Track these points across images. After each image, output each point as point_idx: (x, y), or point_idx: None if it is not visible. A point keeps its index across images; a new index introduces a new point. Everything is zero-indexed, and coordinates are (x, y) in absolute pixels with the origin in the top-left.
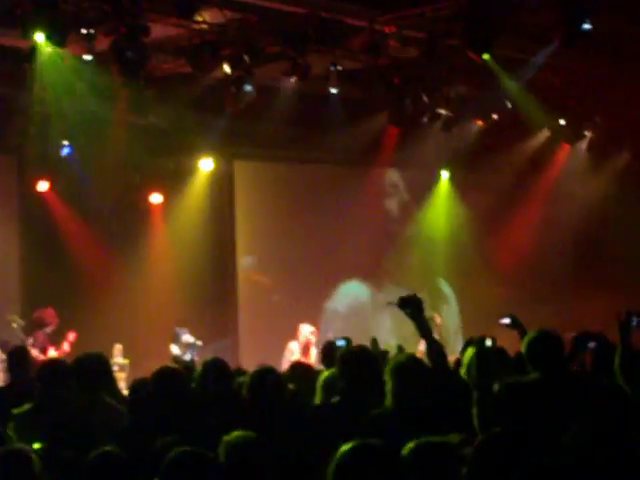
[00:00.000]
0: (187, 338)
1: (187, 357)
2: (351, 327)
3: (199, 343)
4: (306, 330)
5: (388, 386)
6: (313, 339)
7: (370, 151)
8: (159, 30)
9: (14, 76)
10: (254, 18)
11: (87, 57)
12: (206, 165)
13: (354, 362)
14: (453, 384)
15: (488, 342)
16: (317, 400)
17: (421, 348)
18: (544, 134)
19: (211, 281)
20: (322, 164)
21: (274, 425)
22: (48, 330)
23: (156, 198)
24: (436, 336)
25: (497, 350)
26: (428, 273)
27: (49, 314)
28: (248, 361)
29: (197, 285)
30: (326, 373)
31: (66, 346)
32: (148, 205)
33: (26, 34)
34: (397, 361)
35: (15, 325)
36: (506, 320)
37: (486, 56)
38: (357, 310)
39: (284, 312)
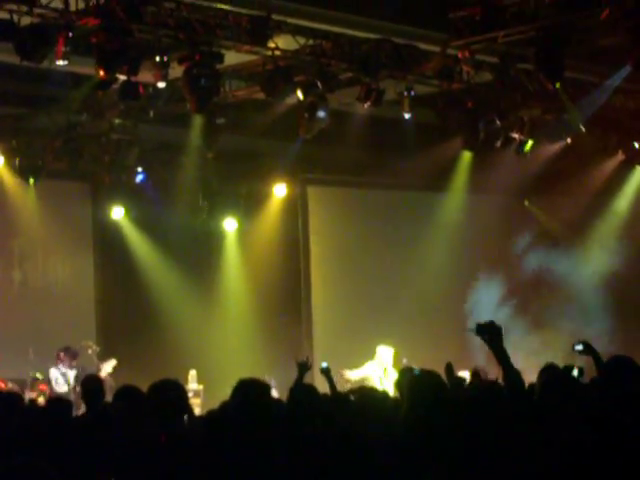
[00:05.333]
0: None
1: None
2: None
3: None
4: (385, 353)
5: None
6: (391, 362)
7: (444, 176)
8: (232, 57)
9: (88, 104)
10: (327, 44)
11: (161, 84)
12: (279, 191)
13: (418, 389)
14: (531, 412)
15: (575, 372)
16: None
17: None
18: (618, 157)
19: (286, 306)
20: (396, 189)
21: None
22: None
23: (230, 224)
24: None
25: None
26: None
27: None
28: (325, 387)
29: (272, 310)
30: None
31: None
32: (222, 231)
33: (100, 63)
34: (472, 390)
35: (90, 351)
36: (579, 346)
37: (558, 85)
38: None
39: (360, 337)
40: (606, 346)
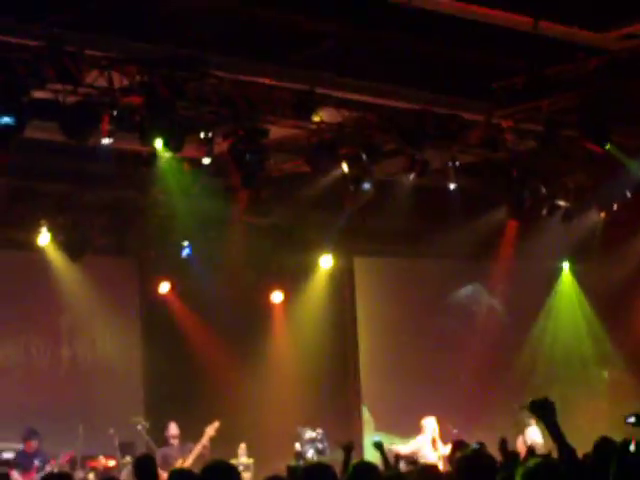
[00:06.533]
0: (309, 434)
1: (309, 453)
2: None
3: (319, 431)
4: (429, 424)
5: None
6: (437, 431)
7: (490, 244)
8: (277, 131)
9: (133, 180)
10: (371, 116)
11: (206, 160)
12: (326, 262)
13: (469, 469)
14: None
15: (632, 447)
16: None
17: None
18: None
19: (334, 379)
20: (442, 258)
21: None
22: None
23: (277, 296)
24: None
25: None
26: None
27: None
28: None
29: (320, 382)
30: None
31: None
32: (269, 304)
33: (144, 140)
34: (529, 466)
35: (139, 427)
36: (632, 419)
37: (608, 146)
38: None
39: (409, 408)
40: None
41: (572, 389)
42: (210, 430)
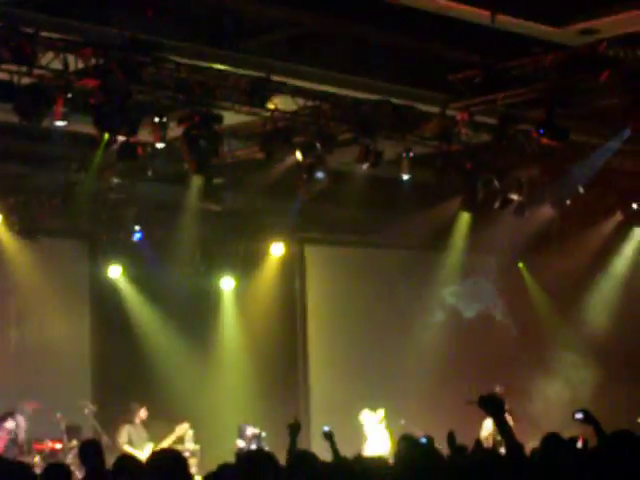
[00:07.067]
0: (251, 430)
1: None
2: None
3: (263, 434)
4: (366, 417)
5: None
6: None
7: (442, 236)
8: (231, 117)
9: (86, 163)
10: (326, 105)
11: (160, 145)
12: (277, 249)
13: (412, 462)
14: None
15: (579, 444)
16: None
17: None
18: (617, 218)
19: (282, 366)
20: (394, 249)
21: None
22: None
23: (228, 282)
24: None
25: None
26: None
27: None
28: (321, 451)
29: (268, 368)
30: None
31: None
32: (219, 290)
33: (98, 124)
34: (475, 460)
35: (87, 411)
36: (580, 415)
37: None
38: None
39: (357, 395)
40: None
41: (531, 376)
42: (179, 430)
